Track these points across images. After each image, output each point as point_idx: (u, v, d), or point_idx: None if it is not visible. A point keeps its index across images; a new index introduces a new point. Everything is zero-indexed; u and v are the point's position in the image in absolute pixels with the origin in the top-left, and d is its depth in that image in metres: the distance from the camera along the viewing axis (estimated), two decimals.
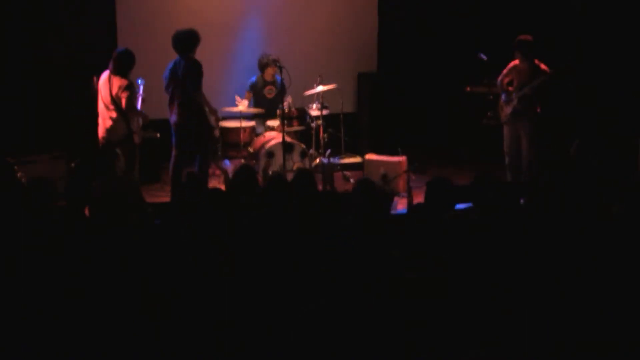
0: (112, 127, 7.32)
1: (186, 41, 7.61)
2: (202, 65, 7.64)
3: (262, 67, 8.89)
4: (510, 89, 7.99)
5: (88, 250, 4.30)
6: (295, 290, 4.01)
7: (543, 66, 7.80)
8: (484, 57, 8.70)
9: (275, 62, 8.60)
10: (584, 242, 4.39)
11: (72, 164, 7.98)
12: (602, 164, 5.93)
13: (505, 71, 8.02)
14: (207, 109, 7.74)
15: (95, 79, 7.45)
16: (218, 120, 8.10)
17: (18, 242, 4.50)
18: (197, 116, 7.71)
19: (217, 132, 8.18)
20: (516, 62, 7.91)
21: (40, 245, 4.45)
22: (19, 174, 7.68)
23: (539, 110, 7.94)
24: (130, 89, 7.28)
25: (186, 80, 7.58)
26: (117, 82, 7.25)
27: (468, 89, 9.92)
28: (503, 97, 8.03)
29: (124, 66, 7.30)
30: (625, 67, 9.45)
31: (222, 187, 7.97)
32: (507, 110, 7.97)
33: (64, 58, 8.99)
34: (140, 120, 7.54)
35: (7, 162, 7.97)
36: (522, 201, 5.42)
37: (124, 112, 7.29)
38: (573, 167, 6.20)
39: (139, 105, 7.69)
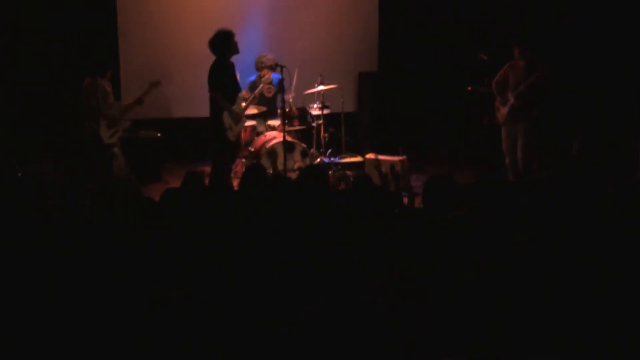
0: (85, 127, 7.41)
1: (212, 42, 7.69)
2: (222, 66, 7.66)
3: (258, 69, 8.95)
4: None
5: (88, 250, 4.31)
6: (297, 290, 4.02)
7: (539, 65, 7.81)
8: (485, 57, 8.70)
9: (271, 67, 8.61)
10: (585, 243, 4.39)
11: (73, 165, 8.00)
12: (602, 165, 5.93)
13: (501, 72, 8.03)
14: (226, 112, 7.69)
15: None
16: (236, 123, 7.80)
17: (19, 240, 4.50)
18: (213, 116, 7.74)
19: (229, 135, 7.83)
20: (512, 62, 7.92)
21: (40, 243, 4.45)
22: (19, 174, 7.70)
23: (536, 111, 7.93)
24: (89, 89, 7.30)
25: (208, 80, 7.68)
26: (84, 83, 7.33)
27: (469, 88, 9.92)
28: (499, 98, 8.03)
29: (94, 67, 7.33)
30: (625, 66, 9.44)
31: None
32: (504, 110, 7.96)
33: (65, 59, 9.01)
34: (121, 121, 7.51)
35: (8, 162, 8.01)
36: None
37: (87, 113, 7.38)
38: (573, 167, 6.20)
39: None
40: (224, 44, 7.64)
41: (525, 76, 7.80)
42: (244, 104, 8.08)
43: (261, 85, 8.46)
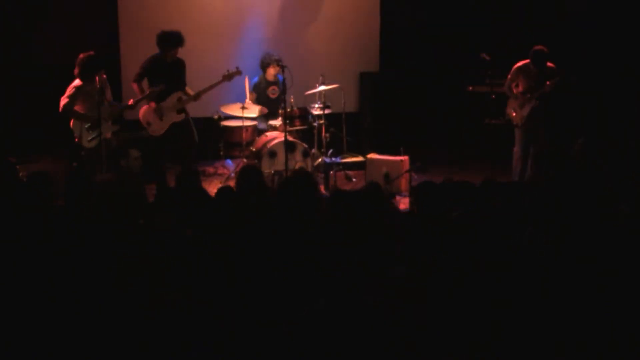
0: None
1: (161, 37, 7.92)
2: (151, 61, 7.90)
3: (264, 66, 8.93)
4: (520, 90, 7.92)
5: (88, 250, 4.31)
6: (297, 290, 4.02)
7: (549, 63, 7.77)
8: (487, 57, 8.68)
9: (278, 62, 8.65)
10: (585, 243, 4.39)
11: (74, 164, 7.99)
12: (605, 164, 5.92)
13: (510, 76, 7.95)
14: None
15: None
16: (160, 118, 8.00)
17: (19, 240, 4.50)
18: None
19: (150, 131, 8.04)
20: (521, 64, 7.86)
21: (40, 243, 4.45)
22: (21, 174, 7.70)
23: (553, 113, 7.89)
24: (72, 91, 7.27)
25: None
26: (72, 83, 7.31)
27: (470, 88, 9.92)
28: (517, 99, 7.92)
29: (81, 69, 7.33)
30: (625, 66, 9.44)
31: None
32: (524, 112, 7.86)
33: (67, 59, 9.00)
34: (105, 125, 7.47)
35: (9, 161, 8.00)
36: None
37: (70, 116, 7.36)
38: (573, 167, 6.20)
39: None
40: (171, 43, 7.85)
41: (542, 78, 7.73)
42: (187, 97, 8.11)
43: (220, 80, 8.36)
